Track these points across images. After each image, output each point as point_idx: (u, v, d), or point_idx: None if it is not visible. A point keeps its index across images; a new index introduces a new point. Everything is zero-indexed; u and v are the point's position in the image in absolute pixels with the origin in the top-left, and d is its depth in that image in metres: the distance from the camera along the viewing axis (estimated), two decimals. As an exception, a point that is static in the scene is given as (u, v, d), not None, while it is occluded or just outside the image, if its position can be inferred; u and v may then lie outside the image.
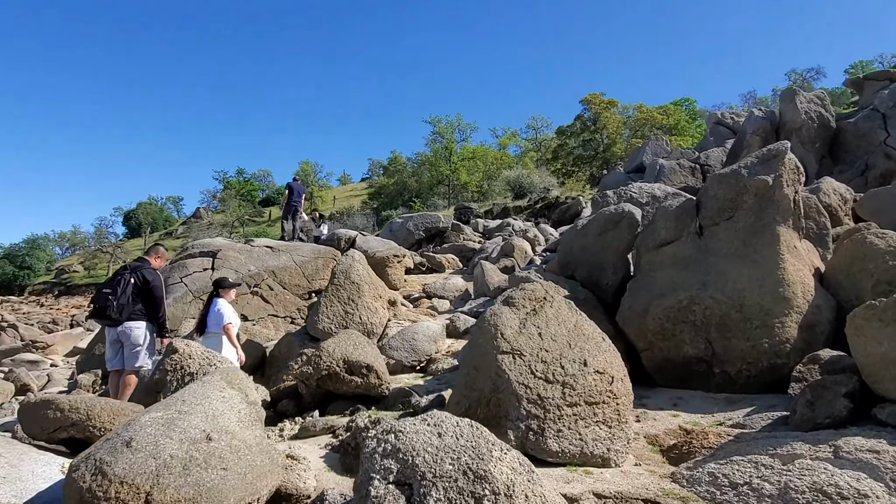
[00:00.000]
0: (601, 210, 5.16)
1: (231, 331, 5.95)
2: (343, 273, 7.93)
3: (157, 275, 6.12)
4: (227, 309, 6.05)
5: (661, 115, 54.38)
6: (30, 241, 62.31)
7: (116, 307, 5.78)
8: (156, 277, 6.05)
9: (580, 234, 5.17)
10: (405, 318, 8.38)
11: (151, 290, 5.91)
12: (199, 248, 12.05)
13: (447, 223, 17.88)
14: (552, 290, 4.06)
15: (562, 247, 5.25)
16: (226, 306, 6.09)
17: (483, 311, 9.52)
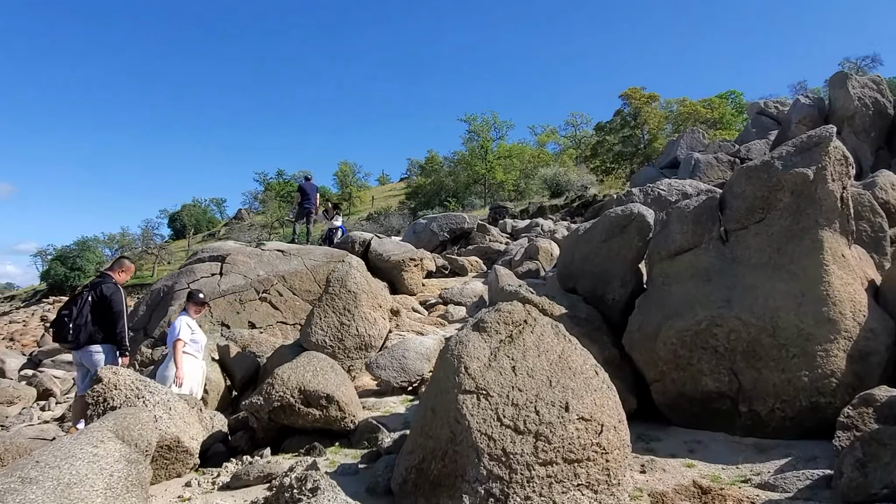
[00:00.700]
0: (606, 212, 4.41)
1: (178, 348, 5.49)
2: (338, 281, 7.35)
3: (118, 289, 5.76)
4: (181, 324, 5.63)
5: (706, 108, 52.30)
6: (80, 243, 64.49)
7: (73, 329, 5.44)
8: (115, 291, 5.68)
9: (582, 241, 4.42)
10: (409, 329, 7.75)
11: (109, 304, 5.52)
12: (208, 252, 11.72)
13: (473, 224, 17.19)
14: (535, 311, 3.34)
15: (562, 255, 4.53)
16: (183, 322, 5.66)
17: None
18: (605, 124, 54.22)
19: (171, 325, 5.72)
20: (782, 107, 14.85)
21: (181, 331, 5.62)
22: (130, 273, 6.31)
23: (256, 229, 64.16)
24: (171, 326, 5.65)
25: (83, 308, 5.54)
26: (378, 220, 56.02)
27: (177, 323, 5.67)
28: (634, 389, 4.05)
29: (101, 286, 5.70)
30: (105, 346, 5.55)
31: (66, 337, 5.49)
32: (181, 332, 5.60)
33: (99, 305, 5.55)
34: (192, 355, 5.73)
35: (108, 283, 5.77)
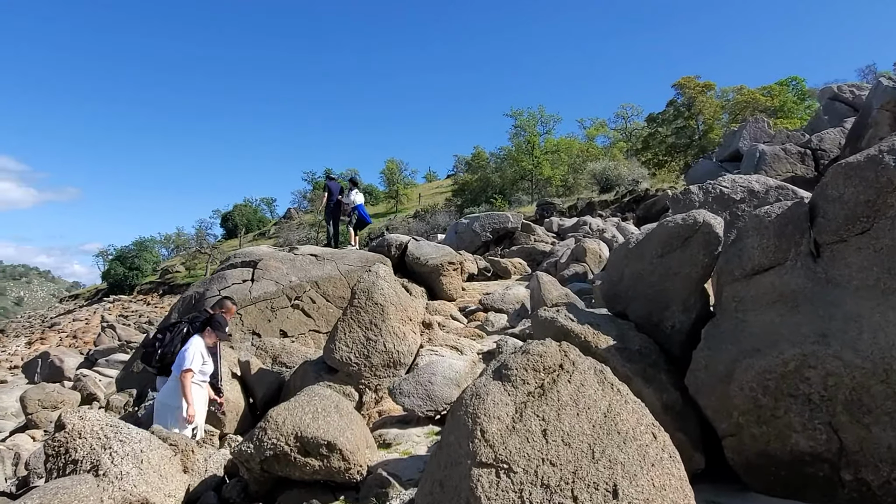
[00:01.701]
0: (664, 220, 3.62)
1: (187, 380, 4.98)
2: (364, 292, 6.77)
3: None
4: (193, 351, 5.12)
5: (765, 96, 49.63)
6: (138, 243, 66.86)
7: (160, 355, 5.49)
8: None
9: (634, 256, 3.64)
10: (442, 343, 7.11)
11: (211, 318, 5.65)
12: (240, 257, 11.39)
13: (516, 223, 16.41)
14: (573, 352, 2.64)
15: (609, 272, 3.78)
16: (196, 348, 5.16)
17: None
18: (658, 115, 52.25)
19: (182, 349, 5.24)
20: (858, 91, 13.42)
21: (193, 360, 5.13)
22: (231, 315, 6.36)
23: (305, 228, 64.98)
24: (183, 352, 5.17)
25: (175, 337, 5.61)
26: (424, 218, 55.72)
27: (189, 350, 5.18)
28: (701, 444, 3.27)
29: (199, 320, 5.79)
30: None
31: (150, 361, 5.61)
32: (193, 362, 5.12)
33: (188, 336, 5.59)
34: (198, 385, 5.26)
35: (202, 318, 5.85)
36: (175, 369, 5.11)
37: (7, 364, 38.86)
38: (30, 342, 46.39)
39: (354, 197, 14.24)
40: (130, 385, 10.20)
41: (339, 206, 14.60)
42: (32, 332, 50.40)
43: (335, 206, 14.66)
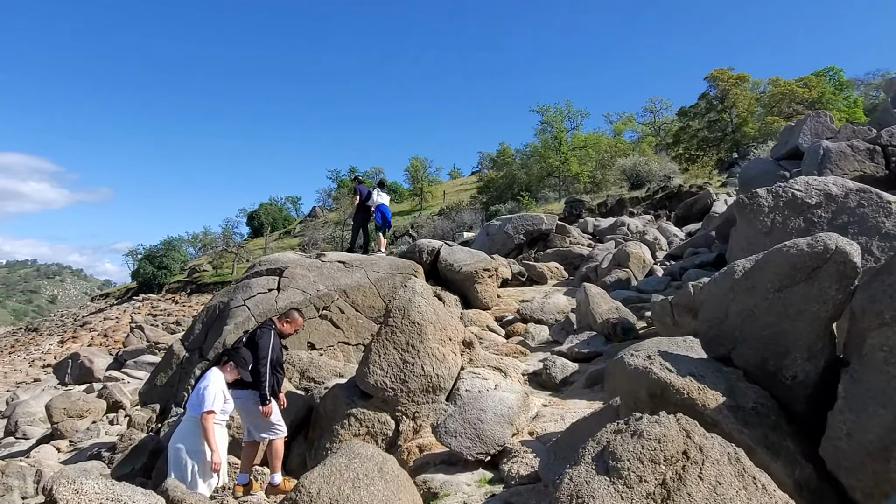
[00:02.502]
0: (782, 247, 2.92)
1: (209, 422, 4.42)
2: (400, 311, 6.18)
3: (270, 335, 5.57)
4: (215, 390, 4.55)
5: (802, 87, 47.87)
6: (166, 242, 67.55)
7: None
8: (265, 337, 5.52)
9: (742, 290, 2.96)
10: (485, 364, 6.48)
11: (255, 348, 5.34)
12: (265, 265, 10.89)
13: (551, 224, 15.68)
14: (697, 431, 1.99)
15: (708, 307, 3.11)
16: (216, 385, 4.59)
17: (588, 353, 7.35)
18: (689, 109, 50.81)
19: (201, 386, 4.67)
20: (925, 81, 12.37)
21: (215, 400, 4.56)
22: (296, 326, 6.14)
23: (330, 226, 64.90)
24: (202, 390, 4.59)
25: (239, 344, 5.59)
26: (450, 216, 55.14)
27: (210, 388, 4.61)
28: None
29: (257, 330, 5.68)
30: (247, 392, 5.32)
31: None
32: (215, 402, 4.55)
33: (249, 346, 5.48)
34: (219, 425, 4.70)
35: (266, 328, 5.69)
36: (192, 409, 4.56)
37: (40, 362, 39.42)
38: (62, 341, 47.08)
39: (377, 197, 13.45)
40: (154, 399, 9.79)
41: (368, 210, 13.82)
42: (65, 331, 51.21)
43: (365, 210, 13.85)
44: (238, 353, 4.93)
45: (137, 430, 8.99)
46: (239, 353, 4.92)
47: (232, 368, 4.85)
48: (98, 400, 14.18)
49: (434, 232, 48.73)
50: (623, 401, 2.86)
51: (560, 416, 5.03)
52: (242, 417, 5.59)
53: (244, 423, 5.63)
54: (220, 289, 62.54)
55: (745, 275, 3.01)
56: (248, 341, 5.56)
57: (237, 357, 4.89)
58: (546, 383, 6.54)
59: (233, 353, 4.94)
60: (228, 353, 4.96)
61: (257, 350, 5.37)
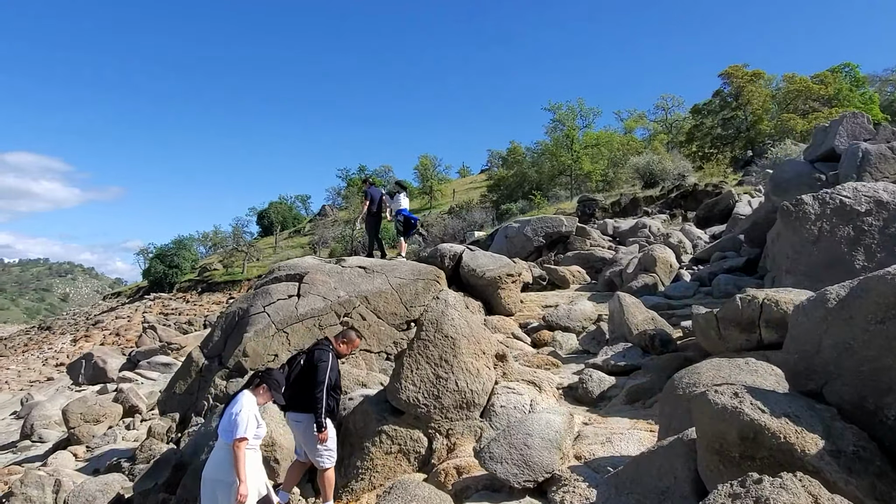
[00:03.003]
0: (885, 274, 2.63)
1: (240, 451, 4.18)
2: (433, 324, 5.94)
3: (328, 357, 5.35)
4: (247, 415, 4.31)
5: (818, 84, 47.19)
6: (177, 241, 67.66)
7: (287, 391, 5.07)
8: (324, 359, 5.29)
9: (837, 320, 2.68)
10: (518, 378, 6.24)
11: (314, 371, 5.15)
12: (284, 270, 10.69)
13: (571, 227, 15.39)
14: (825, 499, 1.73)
15: (798, 337, 2.84)
16: (249, 409, 4.35)
17: (625, 366, 7.09)
18: (703, 106, 50.17)
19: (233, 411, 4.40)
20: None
21: (248, 426, 4.30)
22: (353, 347, 5.96)
23: (340, 225, 64.82)
24: (234, 416, 4.28)
25: (295, 368, 5.39)
26: (460, 215, 54.88)
27: (243, 413, 4.30)
28: None
29: (315, 351, 5.44)
30: (304, 416, 5.18)
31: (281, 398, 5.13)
32: (247, 429, 4.29)
33: (306, 371, 5.30)
34: (253, 449, 4.46)
35: (324, 349, 5.47)
36: (224, 436, 4.32)
37: (54, 361, 39.60)
38: (75, 339, 47.29)
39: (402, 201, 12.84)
40: (173, 408, 9.62)
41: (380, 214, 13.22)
42: (77, 330, 51.46)
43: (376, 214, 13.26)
44: (271, 375, 4.69)
45: (157, 440, 8.82)
46: (272, 376, 4.67)
47: (265, 392, 4.61)
48: (114, 404, 14.08)
49: (445, 231, 48.46)
50: (705, 441, 2.61)
51: (605, 438, 4.78)
52: (297, 440, 5.46)
53: (298, 445, 5.50)
54: (231, 288, 62.24)
55: (841, 304, 2.74)
56: (306, 363, 5.36)
57: (270, 380, 4.64)
58: (582, 398, 6.29)
59: (266, 376, 4.69)
60: (262, 376, 4.71)
61: (316, 373, 5.17)
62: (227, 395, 9.21)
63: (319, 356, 5.36)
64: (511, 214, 46.63)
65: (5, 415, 21.04)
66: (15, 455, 13.79)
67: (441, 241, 47.89)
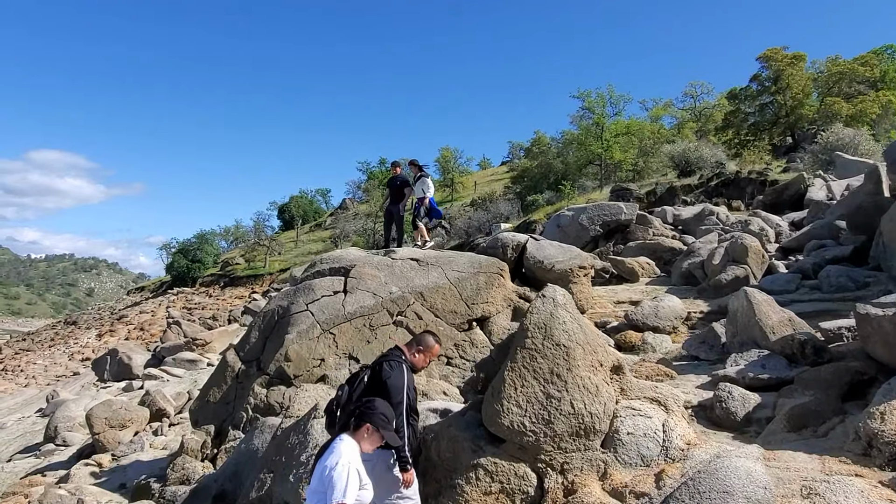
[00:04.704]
0: None
1: None
2: (540, 328, 4.70)
3: (402, 373, 4.04)
4: (346, 470, 2.98)
5: (863, 66, 45.00)
6: (199, 236, 67.38)
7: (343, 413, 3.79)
8: (396, 376, 3.99)
9: None
10: (640, 395, 4.97)
11: (385, 391, 3.78)
12: (328, 263, 9.52)
13: (631, 215, 14.04)
14: None
15: None
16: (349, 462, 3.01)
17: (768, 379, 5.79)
18: (740, 91, 48.05)
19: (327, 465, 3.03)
20: None
21: (348, 486, 2.93)
22: (432, 355, 4.46)
23: (361, 218, 63.94)
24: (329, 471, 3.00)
25: (357, 389, 4.00)
26: (484, 207, 53.56)
27: (340, 469, 3.00)
28: None
29: (383, 364, 4.13)
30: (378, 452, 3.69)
31: (331, 421, 3.94)
32: (347, 490, 2.91)
33: (372, 391, 3.92)
34: None
35: (394, 361, 4.13)
36: (315, 499, 3.04)
37: (79, 356, 39.27)
38: (100, 334, 47.06)
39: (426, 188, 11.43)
40: (207, 419, 8.51)
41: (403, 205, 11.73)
42: (102, 325, 51.31)
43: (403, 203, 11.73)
44: (374, 409, 3.31)
45: (191, 456, 7.73)
46: (376, 410, 3.30)
47: (371, 433, 3.23)
48: (140, 408, 13.14)
49: (469, 224, 47.22)
50: None
51: (804, 488, 3.49)
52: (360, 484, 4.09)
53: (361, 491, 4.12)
54: (254, 282, 61.95)
55: None
56: (372, 380, 4.03)
57: (375, 416, 3.26)
58: (722, 421, 5.02)
59: (368, 411, 3.33)
60: (362, 412, 3.34)
61: (389, 393, 3.87)
62: (267, 403, 8.09)
63: (390, 371, 4.06)
64: (538, 206, 45.21)
65: (31, 412, 20.41)
66: (38, 460, 12.93)
67: (466, 234, 46.72)
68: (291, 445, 4.83)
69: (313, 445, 4.64)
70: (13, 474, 12.10)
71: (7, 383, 32.81)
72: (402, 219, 12.49)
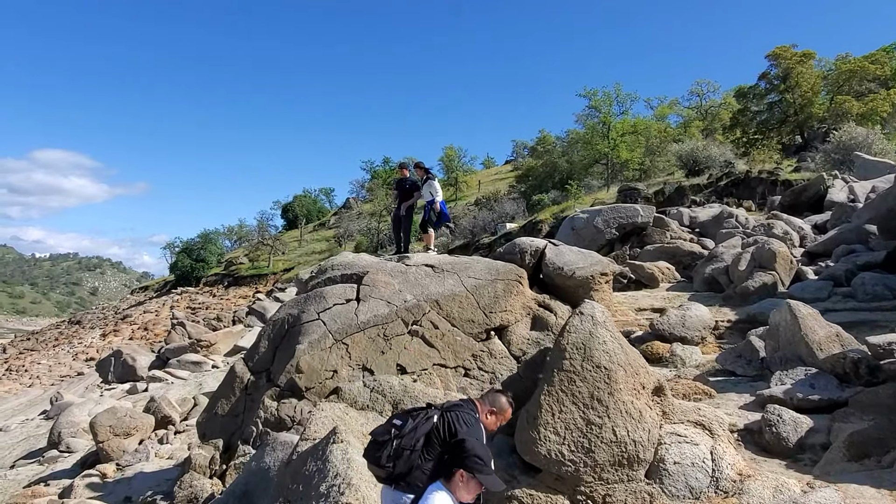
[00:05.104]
0: None
1: None
2: (579, 349, 4.34)
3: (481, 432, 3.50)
4: None
5: (874, 64, 44.47)
6: (203, 235, 67.22)
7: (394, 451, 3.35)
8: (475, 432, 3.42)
9: None
10: (683, 419, 4.62)
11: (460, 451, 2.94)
12: (339, 270, 9.16)
13: (647, 217, 13.65)
14: None
15: None
16: None
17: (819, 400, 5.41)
18: (748, 89, 47.54)
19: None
20: None
21: None
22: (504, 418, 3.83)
23: (365, 218, 63.69)
24: None
25: (419, 428, 3.46)
26: (489, 206, 53.22)
27: None
28: None
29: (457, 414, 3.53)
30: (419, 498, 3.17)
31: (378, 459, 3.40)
32: None
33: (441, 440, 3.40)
34: None
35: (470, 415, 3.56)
36: None
37: (83, 356, 39.04)
38: (104, 334, 46.85)
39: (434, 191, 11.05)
40: (215, 433, 8.17)
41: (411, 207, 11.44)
42: (106, 324, 51.11)
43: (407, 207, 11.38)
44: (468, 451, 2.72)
45: (199, 473, 7.40)
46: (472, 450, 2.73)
47: (467, 481, 2.70)
48: (145, 415, 12.84)
49: (474, 223, 46.88)
50: None
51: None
52: None
53: None
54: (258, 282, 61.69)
55: None
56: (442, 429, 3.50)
57: (470, 459, 2.71)
58: (772, 447, 4.66)
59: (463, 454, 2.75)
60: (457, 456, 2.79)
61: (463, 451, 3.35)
62: (278, 417, 7.75)
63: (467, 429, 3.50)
64: (543, 206, 44.84)
65: (35, 414, 20.16)
66: (41, 467, 12.65)
67: (471, 233, 46.39)
68: (309, 473, 4.49)
69: (333, 474, 4.29)
70: (16, 482, 11.80)
71: (11, 383, 32.62)
72: (411, 222, 12.22)
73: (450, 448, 2.94)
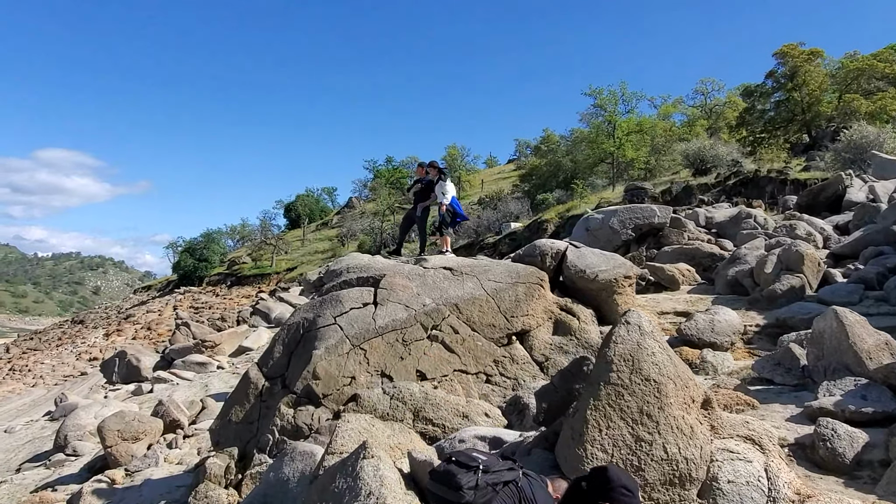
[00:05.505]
0: None
1: None
2: (626, 360, 4.10)
3: None
4: None
5: (881, 62, 44.09)
6: (206, 235, 66.98)
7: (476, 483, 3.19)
8: None
9: None
10: (731, 433, 4.37)
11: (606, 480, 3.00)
12: (354, 272, 8.91)
13: (665, 218, 13.39)
14: None
15: None
16: None
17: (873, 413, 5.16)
18: (755, 88, 47.21)
19: None
20: None
21: None
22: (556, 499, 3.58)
23: (368, 217, 63.45)
24: None
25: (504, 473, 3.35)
26: (493, 205, 52.94)
27: None
28: None
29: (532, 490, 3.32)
30: None
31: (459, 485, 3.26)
32: None
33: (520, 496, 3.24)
34: None
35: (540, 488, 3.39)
36: None
37: (87, 356, 38.85)
38: (107, 334, 46.65)
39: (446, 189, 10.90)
40: (229, 440, 7.93)
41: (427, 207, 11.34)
42: (109, 324, 50.93)
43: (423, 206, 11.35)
44: (614, 482, 2.51)
45: (214, 483, 7.19)
46: (616, 483, 2.51)
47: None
48: (154, 419, 12.61)
49: (479, 223, 46.64)
50: None
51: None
52: None
53: None
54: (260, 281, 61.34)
55: None
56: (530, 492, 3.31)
57: (615, 492, 2.61)
58: (826, 463, 4.41)
59: (607, 487, 2.66)
60: (603, 492, 2.72)
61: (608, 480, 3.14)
62: (295, 426, 7.51)
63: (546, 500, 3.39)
64: (548, 205, 44.58)
65: (39, 414, 19.94)
66: (48, 471, 12.42)
67: (475, 233, 46.07)
68: (339, 491, 4.23)
69: (366, 493, 4.04)
70: (23, 487, 11.57)
71: (15, 383, 32.45)
72: (426, 222, 12.02)
73: (592, 479, 2.89)
